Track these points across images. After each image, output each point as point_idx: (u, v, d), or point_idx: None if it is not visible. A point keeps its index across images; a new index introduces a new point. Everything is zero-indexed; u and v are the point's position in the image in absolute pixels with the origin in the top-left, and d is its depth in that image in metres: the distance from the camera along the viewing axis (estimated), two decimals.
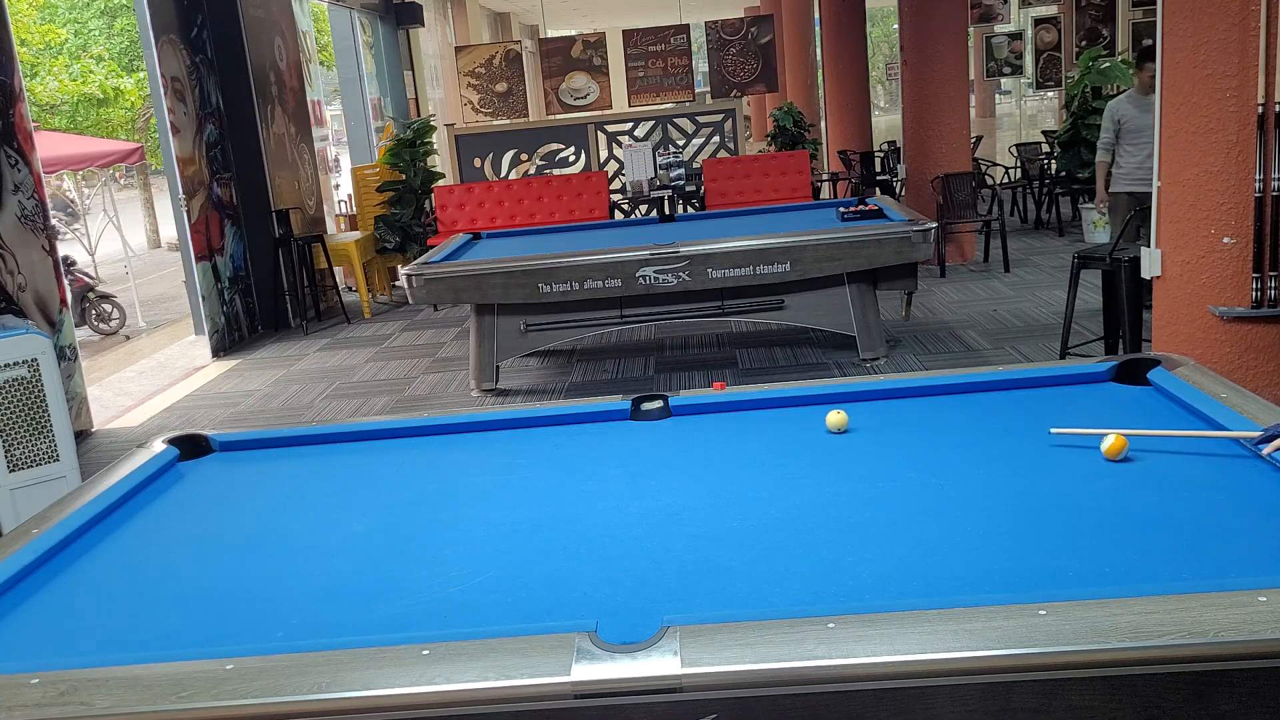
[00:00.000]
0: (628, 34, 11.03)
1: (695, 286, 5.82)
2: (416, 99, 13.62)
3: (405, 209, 9.74)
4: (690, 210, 9.56)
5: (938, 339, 6.68)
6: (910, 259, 5.85)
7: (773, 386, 2.81)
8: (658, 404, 2.76)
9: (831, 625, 1.50)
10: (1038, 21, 14.82)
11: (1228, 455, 2.11)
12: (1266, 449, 2.02)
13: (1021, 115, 22.87)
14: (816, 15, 14.59)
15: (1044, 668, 1.42)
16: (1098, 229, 9.13)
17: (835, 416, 2.51)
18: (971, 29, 12.83)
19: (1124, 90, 9.47)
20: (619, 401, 2.80)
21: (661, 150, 9.88)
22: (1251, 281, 3.85)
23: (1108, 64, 9.45)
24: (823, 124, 14.22)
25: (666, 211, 9.26)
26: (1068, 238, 9.88)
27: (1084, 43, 13.72)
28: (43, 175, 6.51)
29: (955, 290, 8.07)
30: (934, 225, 5.87)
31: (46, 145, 10.22)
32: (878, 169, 12.09)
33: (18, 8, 18.00)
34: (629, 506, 2.15)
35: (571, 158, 10.37)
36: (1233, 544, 1.74)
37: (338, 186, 12.18)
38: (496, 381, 6.27)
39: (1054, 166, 10.73)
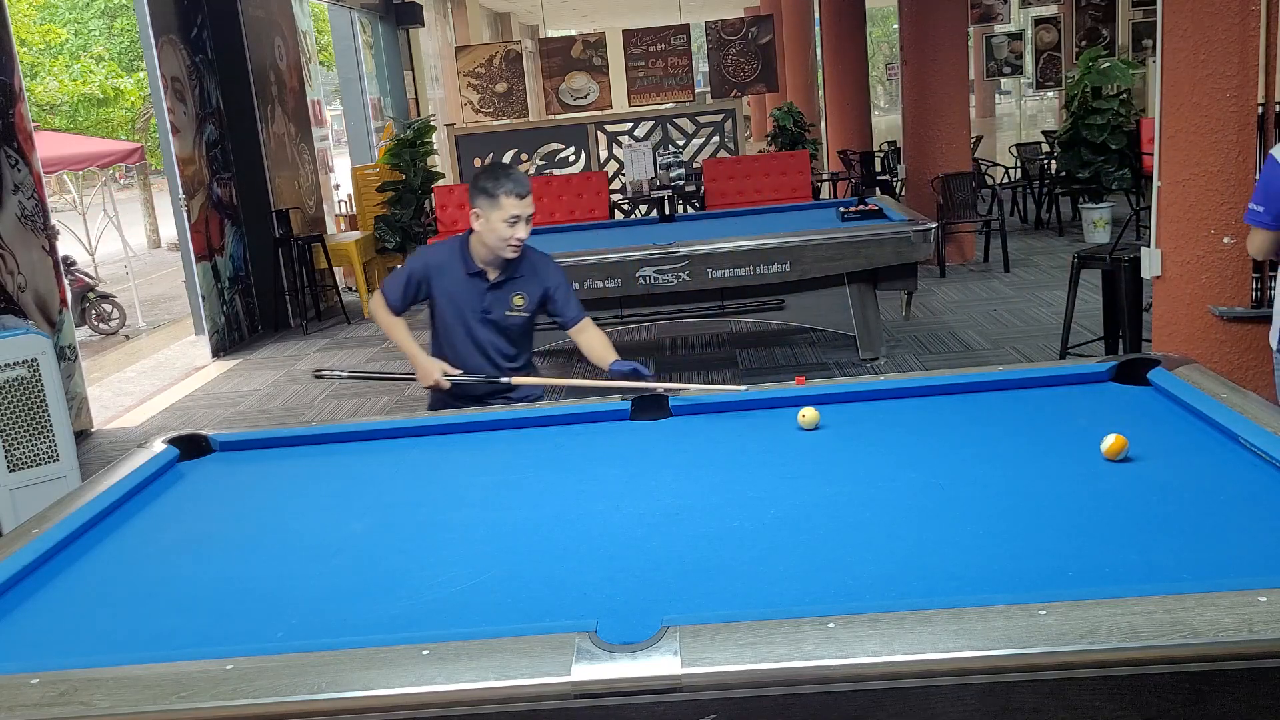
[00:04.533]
0: (628, 34, 11.03)
1: (695, 286, 5.81)
2: (416, 99, 13.61)
3: (405, 209, 9.73)
4: (690, 210, 9.55)
5: (938, 339, 6.68)
6: (910, 259, 5.85)
7: (773, 386, 2.80)
8: (656, 410, 2.76)
9: (831, 625, 1.50)
10: (1038, 21, 14.81)
11: (1227, 455, 2.11)
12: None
13: (1021, 115, 22.85)
14: (816, 15, 14.58)
15: (1044, 668, 1.42)
16: (1098, 229, 9.14)
17: (808, 414, 2.52)
18: (971, 29, 12.82)
19: (1124, 91, 9.47)
20: (619, 401, 2.80)
21: (661, 150, 9.87)
22: (1251, 281, 3.85)
23: (1108, 64, 9.44)
24: (823, 124, 14.21)
25: (666, 211, 9.25)
26: (1068, 238, 9.88)
27: (1084, 43, 13.71)
28: (43, 175, 6.51)
29: (955, 290, 8.07)
30: (934, 225, 5.87)
31: (46, 145, 10.20)
32: (878, 169, 12.09)
33: (18, 8, 17.99)
34: (629, 506, 2.15)
35: (571, 158, 10.36)
36: (1233, 544, 1.74)
37: (337, 187, 12.17)
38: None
39: (1054, 166, 10.72)
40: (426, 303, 3.41)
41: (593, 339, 3.27)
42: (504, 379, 3.29)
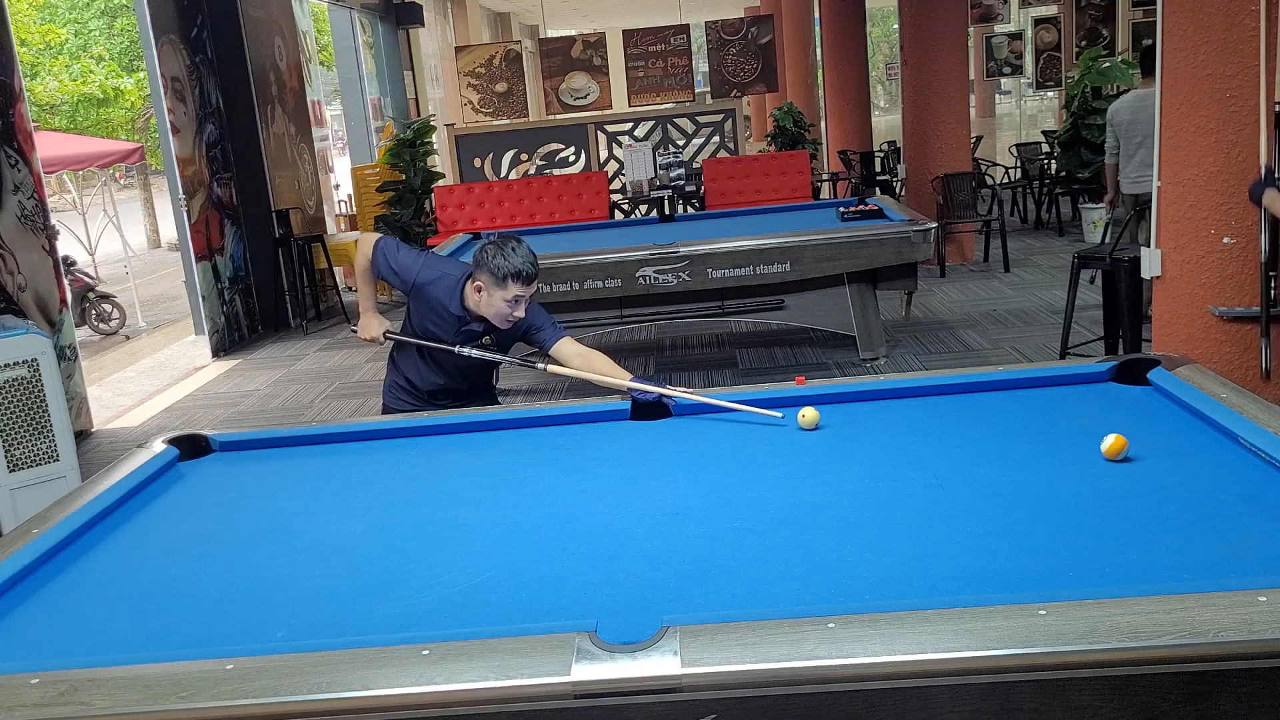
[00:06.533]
0: (628, 34, 11.03)
1: (695, 286, 5.81)
2: (416, 99, 13.61)
3: (405, 209, 9.74)
4: (690, 210, 9.56)
5: (938, 339, 6.68)
6: (910, 259, 5.85)
7: (773, 386, 2.81)
8: (656, 410, 2.76)
9: (831, 625, 1.50)
10: (1038, 21, 14.81)
11: (1227, 455, 2.11)
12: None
13: (1021, 115, 22.87)
14: (816, 15, 14.58)
15: (1044, 668, 1.42)
16: (1097, 229, 9.14)
17: (808, 414, 2.52)
18: (971, 29, 12.82)
19: (1124, 91, 9.48)
20: (619, 401, 2.80)
21: (661, 150, 9.87)
22: (1265, 279, 3.83)
23: (1108, 64, 9.44)
24: (823, 124, 14.21)
25: (666, 211, 9.25)
26: (1068, 238, 9.88)
27: (1084, 43, 13.71)
28: (43, 175, 6.51)
29: (955, 290, 8.07)
30: (934, 225, 5.87)
31: (46, 145, 10.20)
32: (878, 169, 12.09)
33: (18, 8, 17.99)
34: (629, 506, 2.15)
35: (571, 158, 10.36)
36: (1233, 544, 1.74)
37: (338, 187, 12.17)
38: (496, 381, 6.26)
39: (1054, 166, 10.72)
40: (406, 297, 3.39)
41: (594, 359, 3.10)
42: (457, 349, 3.22)
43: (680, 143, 10.53)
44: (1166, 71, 3.95)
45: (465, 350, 3.22)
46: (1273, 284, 3.82)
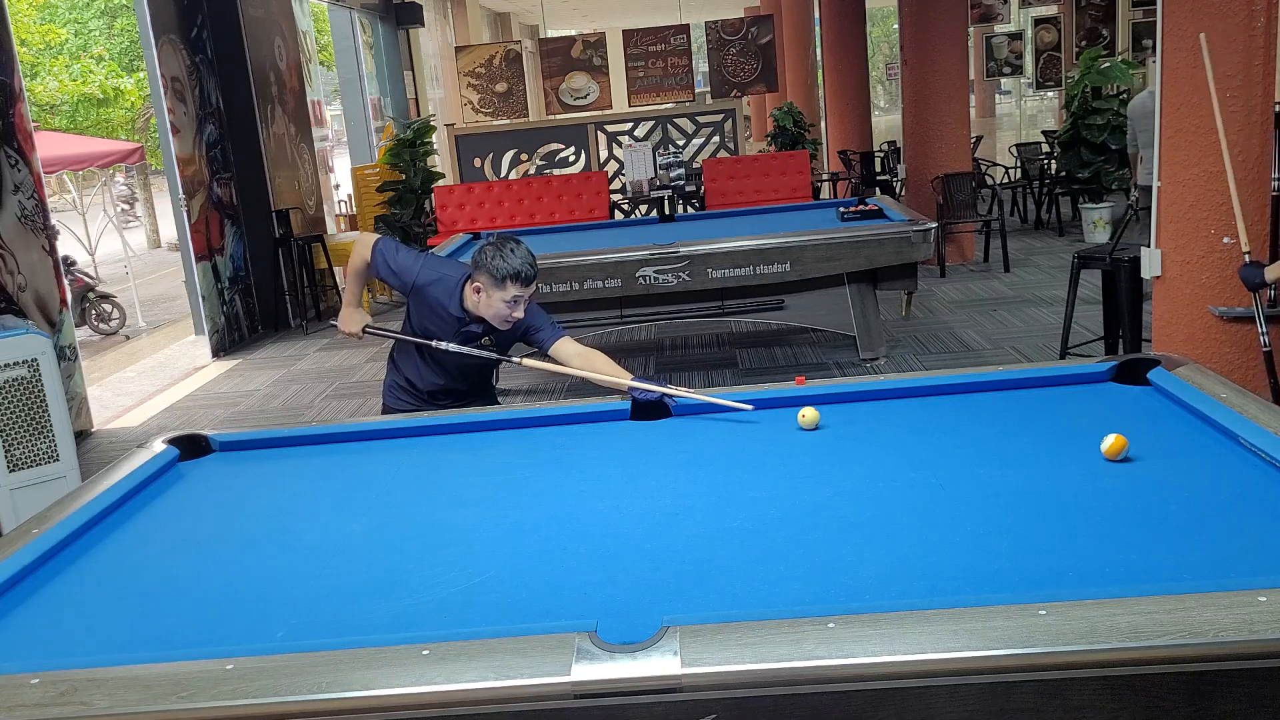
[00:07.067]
0: (628, 34, 11.03)
1: (695, 286, 5.81)
2: (416, 99, 13.61)
3: (405, 209, 9.73)
4: (690, 210, 9.56)
5: (938, 339, 6.68)
6: (910, 259, 5.85)
7: (773, 386, 2.80)
8: (656, 410, 2.76)
9: (831, 625, 1.50)
10: (1038, 21, 14.82)
11: (1227, 455, 2.11)
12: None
13: (1021, 115, 22.88)
14: (816, 15, 14.58)
15: (1044, 668, 1.42)
16: (1097, 229, 9.14)
17: (808, 414, 2.52)
18: (971, 29, 12.82)
19: (1125, 90, 9.50)
20: (619, 401, 2.80)
21: (661, 150, 9.87)
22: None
23: (1108, 64, 9.45)
24: (823, 124, 14.21)
25: (666, 211, 9.25)
26: (1068, 238, 9.88)
27: (1084, 43, 13.71)
28: (43, 175, 6.51)
29: (955, 290, 8.07)
30: (934, 225, 5.87)
31: (46, 145, 10.19)
32: (878, 169, 12.09)
33: (18, 8, 17.98)
34: (629, 506, 2.15)
35: (571, 158, 10.36)
36: (1233, 544, 1.74)
37: (338, 187, 12.16)
38: (496, 381, 6.26)
39: (1054, 166, 10.72)
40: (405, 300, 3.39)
41: (593, 359, 3.11)
42: (436, 344, 3.24)
43: (680, 143, 10.53)
44: (1166, 71, 3.95)
45: (444, 345, 3.23)
46: (1272, 286, 3.82)
